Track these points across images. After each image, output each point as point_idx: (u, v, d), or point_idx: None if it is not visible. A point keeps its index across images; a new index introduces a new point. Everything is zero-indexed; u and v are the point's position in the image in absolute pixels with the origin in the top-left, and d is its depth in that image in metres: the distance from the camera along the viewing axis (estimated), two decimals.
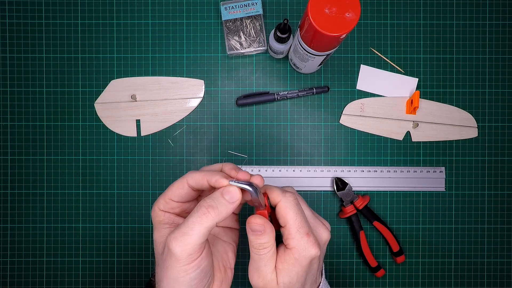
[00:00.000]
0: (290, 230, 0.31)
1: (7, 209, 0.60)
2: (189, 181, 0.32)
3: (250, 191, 0.30)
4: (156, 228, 0.34)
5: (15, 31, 0.61)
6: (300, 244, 0.31)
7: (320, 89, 0.60)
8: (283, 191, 0.33)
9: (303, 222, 0.32)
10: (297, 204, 0.32)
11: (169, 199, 0.33)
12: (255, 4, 0.57)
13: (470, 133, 0.61)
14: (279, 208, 0.32)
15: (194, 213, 0.29)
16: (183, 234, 0.28)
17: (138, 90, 0.60)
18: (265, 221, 0.31)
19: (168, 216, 0.34)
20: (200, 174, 0.32)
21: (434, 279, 0.61)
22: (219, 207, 0.29)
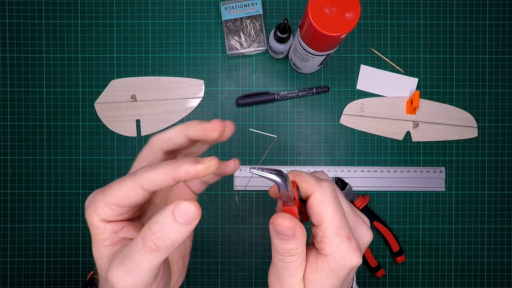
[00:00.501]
0: (326, 232, 0.24)
1: (7, 209, 0.60)
2: (145, 185, 0.22)
3: (278, 183, 0.23)
4: (94, 243, 0.24)
5: (15, 31, 0.61)
6: (339, 250, 0.24)
7: (320, 89, 0.60)
8: (318, 180, 0.25)
9: (343, 222, 0.24)
10: (336, 197, 0.25)
11: (114, 206, 0.23)
12: (255, 4, 0.57)
13: (470, 133, 0.61)
14: (313, 202, 0.24)
15: (137, 246, 0.21)
16: (128, 272, 0.21)
17: (138, 90, 0.60)
18: (295, 223, 0.23)
19: (112, 228, 0.24)
20: (159, 171, 0.22)
21: (434, 279, 0.61)
22: (171, 236, 0.21)
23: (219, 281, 0.60)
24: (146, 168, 0.23)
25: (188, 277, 0.60)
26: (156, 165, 0.23)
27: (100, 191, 0.24)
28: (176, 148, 0.27)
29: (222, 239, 0.61)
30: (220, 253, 0.60)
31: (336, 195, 0.25)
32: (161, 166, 0.23)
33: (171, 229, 0.20)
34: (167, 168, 0.22)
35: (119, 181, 0.23)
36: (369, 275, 0.61)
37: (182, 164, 0.22)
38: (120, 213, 0.23)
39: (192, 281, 0.60)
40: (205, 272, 0.60)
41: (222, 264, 0.60)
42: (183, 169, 0.22)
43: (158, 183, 0.22)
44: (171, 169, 0.22)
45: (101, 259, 0.23)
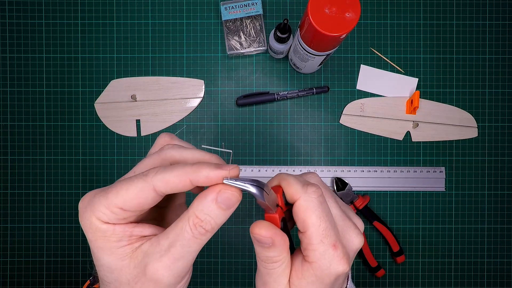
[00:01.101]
0: (311, 239, 0.23)
1: (7, 209, 0.60)
2: (159, 187, 0.22)
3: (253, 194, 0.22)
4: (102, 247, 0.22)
5: (15, 31, 0.61)
6: (324, 258, 0.23)
7: (320, 89, 0.60)
8: (304, 185, 0.24)
9: (329, 229, 0.23)
10: (322, 203, 0.24)
11: (118, 209, 0.22)
12: (255, 4, 0.57)
13: (470, 133, 0.61)
14: (298, 208, 0.24)
15: (187, 233, 0.22)
16: (175, 260, 0.22)
17: (138, 90, 0.60)
18: (273, 232, 0.23)
19: (121, 229, 0.22)
20: (175, 173, 0.22)
21: (434, 279, 0.61)
22: (217, 221, 0.22)
23: (219, 281, 0.60)
24: (160, 168, 0.22)
25: None
26: (171, 166, 0.22)
27: (101, 193, 0.22)
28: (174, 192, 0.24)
29: (222, 239, 0.61)
30: (220, 253, 0.60)
31: (322, 201, 0.24)
32: (179, 168, 0.22)
33: (216, 214, 0.22)
34: (186, 170, 0.22)
35: (125, 181, 0.22)
36: (369, 275, 0.61)
37: (203, 167, 0.22)
38: (123, 217, 0.22)
39: (192, 281, 0.60)
40: (205, 272, 0.60)
41: (222, 264, 0.60)
42: (203, 173, 0.22)
43: (173, 186, 0.22)
44: (191, 172, 0.22)
45: (120, 260, 0.22)
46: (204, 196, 0.22)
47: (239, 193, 0.22)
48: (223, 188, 0.22)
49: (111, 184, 0.23)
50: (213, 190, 0.22)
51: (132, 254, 0.22)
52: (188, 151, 0.25)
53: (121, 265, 0.22)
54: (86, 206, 0.22)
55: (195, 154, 0.25)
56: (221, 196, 0.21)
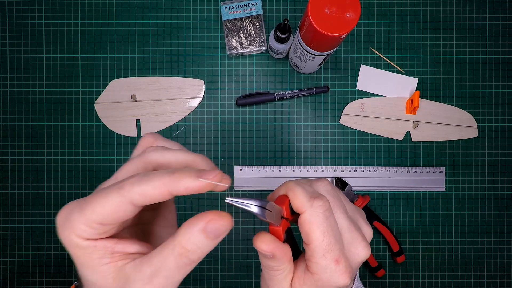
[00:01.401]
0: (314, 252, 0.24)
1: (7, 209, 0.60)
2: (136, 200, 0.20)
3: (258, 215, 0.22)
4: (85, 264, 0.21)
5: (15, 31, 0.61)
6: (324, 272, 0.24)
7: (320, 89, 0.60)
8: (310, 198, 0.24)
9: (333, 244, 0.23)
10: (327, 218, 0.24)
11: (97, 225, 0.20)
12: (255, 4, 0.57)
13: (470, 133, 0.61)
14: (303, 222, 0.24)
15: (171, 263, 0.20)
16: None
17: (138, 90, 0.60)
18: (274, 246, 0.23)
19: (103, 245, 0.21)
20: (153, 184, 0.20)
21: (434, 279, 0.61)
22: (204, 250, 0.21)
23: (219, 281, 0.60)
24: (136, 179, 0.20)
25: (188, 277, 0.60)
26: (148, 175, 0.20)
27: (76, 209, 0.21)
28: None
29: (222, 239, 0.60)
30: (220, 253, 0.60)
31: (328, 215, 0.24)
32: (156, 178, 0.20)
33: (203, 244, 0.21)
34: (163, 181, 0.20)
35: (101, 195, 0.20)
36: (369, 275, 0.61)
37: (182, 177, 0.20)
38: (104, 231, 0.21)
39: (192, 281, 0.60)
40: (205, 272, 0.60)
41: (222, 264, 0.60)
42: (183, 184, 0.20)
43: (152, 198, 0.20)
44: (169, 183, 0.20)
45: (104, 279, 0.21)
46: (191, 225, 0.20)
47: (229, 223, 0.21)
48: (213, 218, 0.20)
49: (88, 196, 0.21)
50: (202, 218, 0.20)
51: (115, 274, 0.21)
52: (171, 153, 0.24)
53: (105, 284, 0.21)
54: (64, 222, 0.21)
55: (179, 156, 0.24)
56: (210, 226, 0.20)
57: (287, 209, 0.25)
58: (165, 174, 0.20)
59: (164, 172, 0.20)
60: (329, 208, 0.24)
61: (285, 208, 0.25)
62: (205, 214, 0.21)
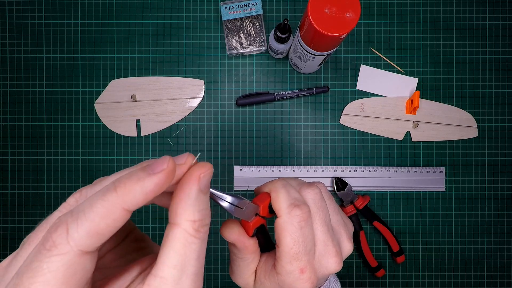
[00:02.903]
0: (281, 256, 0.24)
1: (7, 209, 0.60)
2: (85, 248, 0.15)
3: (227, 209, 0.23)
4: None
5: (15, 31, 0.61)
6: (288, 277, 0.24)
7: (320, 89, 0.60)
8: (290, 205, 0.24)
9: (301, 254, 0.24)
10: (301, 228, 0.24)
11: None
12: (255, 4, 0.57)
13: (470, 133, 0.61)
14: (276, 225, 0.24)
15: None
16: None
17: (138, 90, 0.60)
18: (237, 237, 0.24)
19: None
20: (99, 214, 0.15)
21: (434, 279, 0.61)
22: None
23: (219, 281, 0.60)
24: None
25: None
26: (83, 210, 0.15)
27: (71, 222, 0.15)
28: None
29: (222, 239, 0.61)
30: (220, 253, 0.60)
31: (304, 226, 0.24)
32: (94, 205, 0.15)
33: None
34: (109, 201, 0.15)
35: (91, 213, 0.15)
36: (369, 275, 0.61)
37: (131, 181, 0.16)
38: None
39: None
40: (205, 272, 0.60)
41: (222, 264, 0.60)
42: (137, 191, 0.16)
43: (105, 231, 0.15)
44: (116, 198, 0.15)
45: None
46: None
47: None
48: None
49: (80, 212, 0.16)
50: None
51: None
52: (93, 189, 0.19)
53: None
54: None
55: (104, 183, 0.19)
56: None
57: (265, 207, 0.26)
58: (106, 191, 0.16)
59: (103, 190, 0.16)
60: (306, 219, 0.24)
61: (263, 207, 0.25)
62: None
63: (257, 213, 0.25)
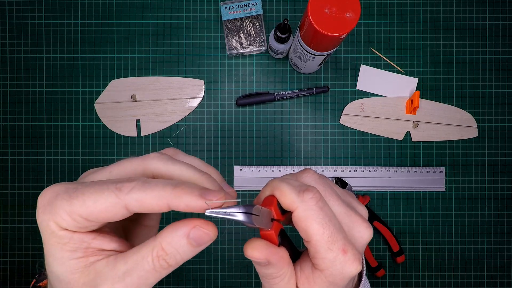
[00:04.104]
0: (317, 248, 0.22)
1: (7, 209, 0.60)
2: (132, 207, 0.19)
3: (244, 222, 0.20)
4: (55, 255, 0.20)
5: (15, 31, 0.61)
6: (334, 265, 0.22)
7: (320, 89, 0.60)
8: (299, 192, 0.22)
9: (335, 234, 0.22)
10: (322, 208, 0.22)
11: (81, 218, 0.19)
12: (255, 4, 0.57)
13: (470, 133, 0.61)
14: (297, 219, 0.22)
15: (147, 264, 0.19)
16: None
17: (138, 90, 0.60)
18: (267, 252, 0.21)
19: (81, 238, 0.20)
20: (153, 195, 0.19)
21: (434, 279, 0.61)
22: (183, 256, 0.20)
23: (219, 281, 0.60)
24: (137, 184, 0.19)
25: (188, 277, 0.60)
26: (149, 183, 0.19)
27: (63, 195, 0.20)
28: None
29: (222, 239, 0.61)
30: (220, 253, 0.60)
31: (322, 205, 0.22)
32: (157, 188, 0.19)
33: (184, 250, 0.20)
34: (165, 193, 0.19)
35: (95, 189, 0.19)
36: (369, 275, 0.61)
37: (185, 193, 0.19)
38: (85, 226, 0.20)
39: (192, 281, 0.60)
40: (205, 272, 0.60)
41: (222, 264, 0.60)
42: (184, 201, 0.19)
43: (148, 208, 0.19)
44: (170, 197, 0.19)
45: (71, 273, 0.20)
46: (175, 229, 0.19)
47: (214, 232, 0.20)
48: (199, 225, 0.19)
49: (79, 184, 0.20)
50: (187, 224, 0.19)
51: (84, 269, 0.20)
52: (176, 167, 0.22)
53: (70, 278, 0.20)
54: (45, 205, 0.20)
55: (184, 172, 0.22)
56: (194, 232, 0.19)
57: (277, 209, 0.23)
58: (167, 185, 0.19)
59: (166, 183, 0.19)
60: (321, 198, 0.22)
61: (274, 209, 0.23)
62: (190, 220, 0.20)
63: (272, 218, 0.23)
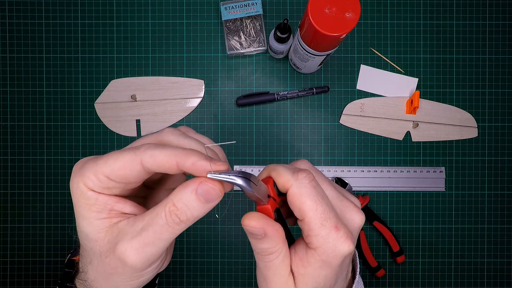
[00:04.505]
0: (311, 225, 0.23)
1: (7, 209, 0.60)
2: (146, 162, 0.22)
3: (243, 187, 0.21)
4: (84, 215, 0.23)
5: (15, 31, 0.61)
6: (327, 242, 0.22)
7: (320, 89, 0.60)
8: (294, 172, 0.23)
9: (328, 212, 0.23)
10: (315, 187, 0.23)
11: (104, 177, 0.22)
12: (255, 4, 0.57)
13: (470, 133, 0.61)
14: (291, 197, 0.23)
15: (160, 219, 0.21)
16: (144, 244, 0.21)
17: (138, 90, 0.60)
18: (264, 222, 0.22)
19: (105, 200, 0.23)
20: (165, 152, 0.22)
21: (434, 279, 0.61)
22: (194, 213, 0.22)
23: (219, 281, 0.60)
24: (152, 145, 0.22)
25: (188, 277, 0.60)
26: (163, 145, 0.22)
27: (91, 159, 0.23)
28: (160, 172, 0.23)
29: (222, 239, 0.61)
30: (220, 253, 0.60)
31: (315, 185, 0.23)
32: (169, 148, 0.22)
33: (194, 206, 0.22)
34: (175, 152, 0.22)
35: (117, 152, 0.23)
36: (369, 275, 0.61)
37: (192, 154, 0.22)
38: (108, 186, 0.22)
39: (192, 281, 0.60)
40: (205, 272, 0.60)
41: (222, 264, 0.60)
42: (191, 160, 0.21)
43: (160, 164, 0.22)
44: (179, 155, 0.22)
45: (97, 232, 0.23)
46: (185, 185, 0.22)
47: (220, 188, 0.22)
48: (205, 180, 0.21)
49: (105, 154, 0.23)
50: (195, 180, 0.22)
51: (108, 228, 0.23)
52: (186, 141, 0.25)
53: (97, 237, 0.23)
54: (76, 171, 0.23)
55: (193, 146, 0.24)
56: (201, 187, 0.21)
57: (273, 189, 0.24)
58: (178, 148, 0.22)
59: (178, 147, 0.23)
60: (314, 179, 0.23)
61: (270, 187, 0.24)
62: (198, 178, 0.22)
63: (268, 195, 0.24)
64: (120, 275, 0.23)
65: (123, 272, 0.23)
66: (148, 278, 0.24)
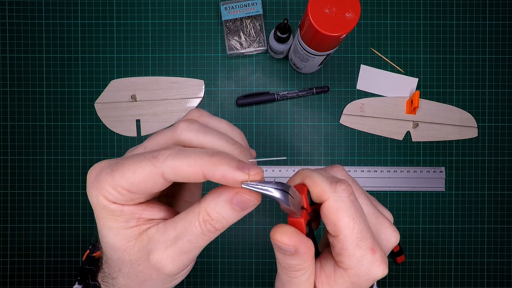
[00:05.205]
0: (345, 244, 0.21)
1: (7, 209, 0.60)
2: (168, 174, 0.20)
3: (281, 201, 0.19)
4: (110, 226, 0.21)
5: (15, 31, 0.61)
6: (361, 265, 0.21)
7: (320, 89, 0.60)
8: (332, 183, 0.21)
9: (365, 232, 0.21)
10: (353, 202, 0.21)
11: (124, 191, 0.20)
12: (255, 4, 0.57)
13: (470, 133, 0.61)
14: (327, 210, 0.21)
15: (195, 229, 0.20)
16: (181, 253, 0.21)
17: (138, 90, 0.60)
18: (297, 239, 0.20)
19: (130, 210, 0.21)
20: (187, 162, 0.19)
21: (434, 279, 0.61)
22: (229, 220, 0.20)
23: (219, 281, 0.60)
24: (173, 152, 0.20)
25: (188, 277, 0.60)
26: (185, 151, 0.20)
27: (106, 169, 0.21)
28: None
29: (222, 239, 0.61)
30: (220, 253, 0.60)
31: (354, 199, 0.21)
32: (193, 156, 0.19)
33: (228, 215, 0.20)
34: (201, 162, 0.19)
35: (133, 161, 0.20)
36: None
37: (222, 163, 0.19)
38: (130, 198, 0.21)
39: (192, 281, 0.60)
40: (205, 272, 0.60)
41: (222, 264, 0.60)
42: (220, 171, 0.19)
43: (184, 176, 0.20)
44: (206, 166, 0.19)
45: (126, 242, 0.21)
46: (218, 194, 0.20)
47: (257, 198, 0.20)
48: (241, 191, 0.20)
49: (120, 159, 0.21)
50: (229, 190, 0.20)
51: (138, 236, 0.22)
52: (207, 138, 0.22)
53: (126, 246, 0.22)
54: (93, 182, 0.21)
55: (216, 143, 0.22)
56: (237, 198, 0.20)
57: (307, 199, 0.22)
58: (203, 154, 0.19)
59: (202, 152, 0.20)
60: (353, 192, 0.21)
61: (304, 198, 0.22)
62: (234, 188, 0.20)
63: (302, 207, 0.22)
64: (155, 280, 0.22)
65: (157, 278, 0.22)
66: (181, 279, 0.24)
